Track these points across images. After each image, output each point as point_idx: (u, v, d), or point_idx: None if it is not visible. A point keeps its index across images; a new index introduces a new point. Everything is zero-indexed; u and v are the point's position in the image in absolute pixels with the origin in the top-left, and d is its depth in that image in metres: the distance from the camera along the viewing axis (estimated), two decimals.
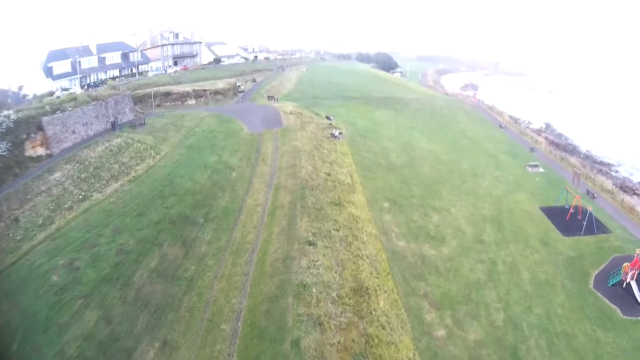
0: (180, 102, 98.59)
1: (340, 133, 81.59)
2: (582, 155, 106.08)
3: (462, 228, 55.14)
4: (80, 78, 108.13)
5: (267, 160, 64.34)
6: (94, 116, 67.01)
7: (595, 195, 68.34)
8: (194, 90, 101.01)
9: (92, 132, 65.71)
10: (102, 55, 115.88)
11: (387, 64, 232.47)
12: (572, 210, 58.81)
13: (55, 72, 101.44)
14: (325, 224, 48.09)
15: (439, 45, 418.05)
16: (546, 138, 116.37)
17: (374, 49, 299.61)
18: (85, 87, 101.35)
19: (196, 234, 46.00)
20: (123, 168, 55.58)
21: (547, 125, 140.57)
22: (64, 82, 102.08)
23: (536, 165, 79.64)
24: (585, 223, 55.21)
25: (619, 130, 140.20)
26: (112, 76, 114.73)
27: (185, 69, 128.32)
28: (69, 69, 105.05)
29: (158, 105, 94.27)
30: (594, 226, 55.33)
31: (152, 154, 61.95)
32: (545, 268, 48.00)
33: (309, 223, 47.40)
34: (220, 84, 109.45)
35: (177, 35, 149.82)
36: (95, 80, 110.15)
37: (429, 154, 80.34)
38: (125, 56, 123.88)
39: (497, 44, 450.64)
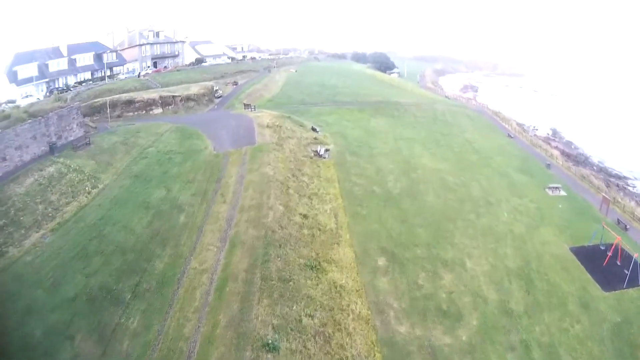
0: (144, 112, 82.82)
1: (326, 150, 65.84)
2: (595, 168, 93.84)
3: (483, 292, 39.94)
4: (48, 82, 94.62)
5: (228, 195, 48.14)
6: (30, 137, 53.10)
7: (627, 226, 54.97)
8: (161, 97, 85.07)
9: (29, 156, 52.03)
10: (72, 57, 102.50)
11: (384, 64, 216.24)
12: (610, 254, 46.35)
13: (20, 76, 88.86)
14: (295, 306, 32.57)
15: (437, 45, 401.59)
16: (557, 147, 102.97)
17: (371, 48, 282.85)
18: (48, 93, 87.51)
19: (119, 319, 31.12)
20: (49, 210, 42.10)
21: (554, 132, 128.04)
22: (30, 88, 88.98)
23: (557, 188, 65.70)
24: (629, 273, 42.93)
25: (624, 135, 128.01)
26: (82, 79, 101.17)
27: (158, 71, 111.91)
28: (35, 73, 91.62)
29: (118, 116, 78.85)
30: (639, 276, 42.93)
31: (88, 187, 47.59)
32: (590, 347, 34.80)
33: (270, 308, 31.91)
34: (195, 89, 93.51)
35: (157, 34, 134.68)
36: (65, 84, 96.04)
37: (434, 175, 64.71)
38: (98, 57, 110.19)
39: (495, 44, 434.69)
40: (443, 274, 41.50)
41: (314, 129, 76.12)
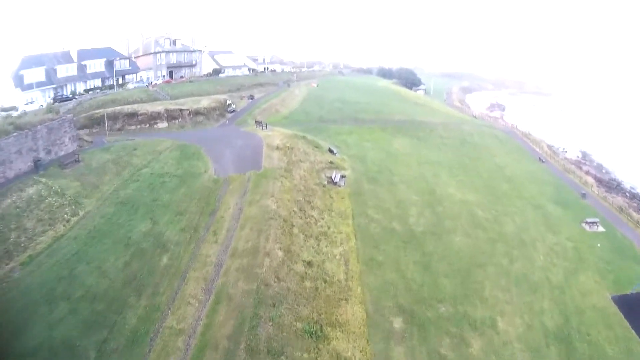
0: (148, 126, 76.52)
1: (342, 177, 58.50)
2: (627, 194, 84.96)
3: None
4: (56, 88, 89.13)
5: (221, 233, 40.77)
6: (15, 151, 47.89)
7: None
8: (166, 111, 78.67)
9: (12, 173, 47.00)
10: (83, 63, 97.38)
11: (410, 80, 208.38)
12: None
13: (26, 81, 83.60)
14: None
15: (464, 62, 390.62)
16: (588, 172, 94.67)
17: (397, 64, 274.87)
18: (52, 101, 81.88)
19: None
20: (22, 239, 36.59)
21: (584, 155, 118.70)
22: (36, 93, 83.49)
23: (595, 223, 58.04)
24: None
25: None
26: (92, 86, 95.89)
27: (169, 81, 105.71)
28: (42, 78, 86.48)
29: (119, 130, 72.89)
30: None
31: (68, 214, 41.17)
32: None
33: None
34: (205, 102, 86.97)
35: (174, 42, 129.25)
36: (72, 91, 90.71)
37: (462, 208, 57.12)
38: (110, 64, 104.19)
39: (522, 62, 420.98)
40: (471, 340, 33.84)
41: (330, 151, 68.89)
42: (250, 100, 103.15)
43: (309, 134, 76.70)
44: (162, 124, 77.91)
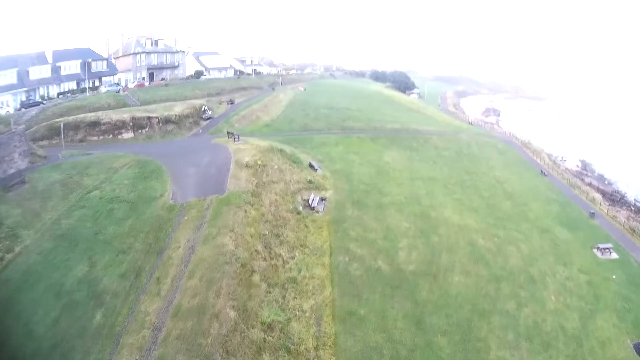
0: (111, 136, 68.66)
1: (321, 200, 50.90)
2: (632, 208, 78.61)
3: None
4: (28, 91, 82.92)
5: (165, 281, 32.36)
6: None
7: None
8: (133, 119, 70.70)
9: None
10: (57, 64, 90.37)
11: (404, 84, 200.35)
12: None
13: None
14: None
15: (459, 65, 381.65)
16: (591, 184, 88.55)
17: (391, 67, 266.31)
18: (19, 106, 76.56)
19: None
20: None
21: (584, 164, 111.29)
22: (7, 97, 78.09)
23: (608, 249, 50.94)
24: None
25: None
26: (67, 89, 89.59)
27: (141, 85, 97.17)
28: (14, 80, 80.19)
29: (81, 141, 65.57)
30: None
31: (2, 250, 33.87)
32: None
33: None
34: (178, 108, 78.94)
35: (156, 43, 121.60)
36: (42, 95, 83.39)
37: (461, 237, 49.56)
38: (86, 65, 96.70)
39: (518, 66, 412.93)
40: None
41: (311, 167, 61.13)
42: (231, 105, 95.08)
43: (289, 146, 68.91)
44: (128, 134, 69.98)
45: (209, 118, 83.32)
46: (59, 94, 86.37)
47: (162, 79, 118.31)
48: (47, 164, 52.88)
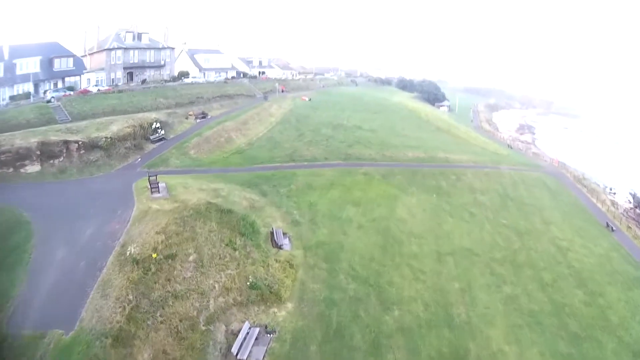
0: (12, 169, 43.94)
1: (267, 332, 24.81)
2: None
3: None
4: None
5: None
6: None
7: None
8: (42, 145, 45.31)
9: None
10: (14, 62, 70.71)
11: (433, 95, 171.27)
12: None
13: None
14: None
15: (489, 76, 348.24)
16: None
17: (419, 75, 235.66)
18: None
19: None
20: None
21: (635, 198, 79.26)
22: None
23: None
24: None
25: None
26: (22, 91, 68.91)
27: (85, 92, 70.66)
28: None
29: None
30: None
31: None
32: None
33: None
34: (116, 127, 53.40)
35: (139, 37, 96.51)
36: None
37: None
38: (49, 63, 75.08)
39: (550, 80, 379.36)
40: None
41: (274, 241, 34.68)
42: (201, 119, 67.88)
43: (251, 193, 43.27)
44: (33, 167, 45.14)
45: (159, 140, 57.16)
46: (11, 98, 65.22)
47: (144, 80, 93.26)
48: None
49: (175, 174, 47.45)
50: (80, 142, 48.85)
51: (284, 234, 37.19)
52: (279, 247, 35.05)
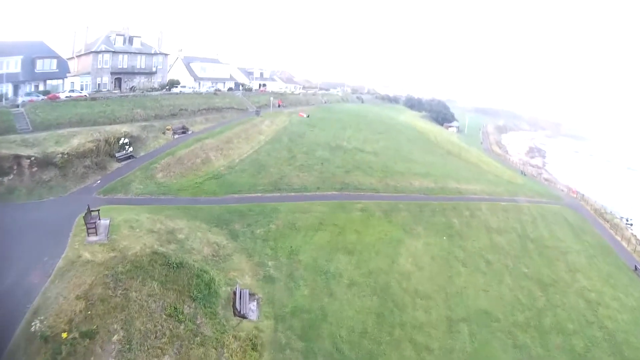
0: None
1: None
2: None
3: None
4: None
5: None
6: None
7: None
8: None
9: None
10: None
11: (442, 115, 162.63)
12: None
13: None
14: None
15: (498, 97, 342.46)
16: None
17: (428, 94, 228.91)
18: None
19: None
20: None
21: None
22: None
23: None
24: None
25: None
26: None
27: (55, 97, 62.04)
28: None
29: None
30: None
31: None
32: None
33: None
34: (77, 140, 44.90)
35: (130, 40, 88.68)
36: None
37: None
38: (31, 63, 67.80)
39: (557, 102, 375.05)
40: None
41: (234, 307, 25.93)
42: (181, 135, 58.61)
43: (217, 235, 33.98)
44: None
45: (127, 158, 48.11)
46: None
47: (132, 87, 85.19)
48: None
49: (132, 204, 38.62)
50: (33, 158, 40.20)
51: (252, 295, 28.27)
52: (242, 317, 26.06)
